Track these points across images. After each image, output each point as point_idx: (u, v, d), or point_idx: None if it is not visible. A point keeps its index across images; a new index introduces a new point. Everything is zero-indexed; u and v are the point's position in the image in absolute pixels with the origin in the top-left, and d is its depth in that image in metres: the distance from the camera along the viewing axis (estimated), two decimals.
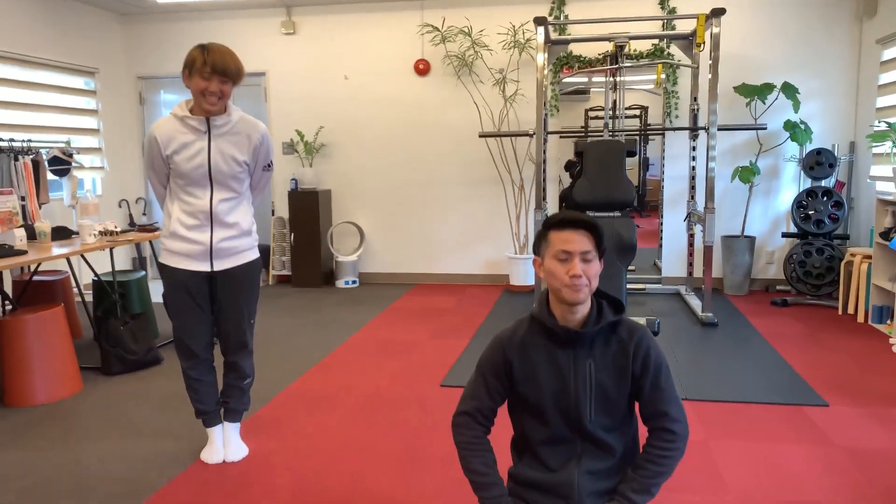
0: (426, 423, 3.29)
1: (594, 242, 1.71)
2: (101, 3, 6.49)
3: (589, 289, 1.70)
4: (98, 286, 4.49)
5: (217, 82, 2.55)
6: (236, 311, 2.84)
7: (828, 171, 5.57)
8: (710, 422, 3.24)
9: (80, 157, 6.23)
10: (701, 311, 5.12)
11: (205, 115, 2.63)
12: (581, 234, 1.69)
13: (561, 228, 1.71)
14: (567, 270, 1.68)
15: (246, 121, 2.74)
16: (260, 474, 2.78)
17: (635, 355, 1.73)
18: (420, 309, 5.69)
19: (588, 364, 1.75)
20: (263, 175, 2.86)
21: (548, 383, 1.76)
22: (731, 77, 5.99)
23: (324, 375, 4.01)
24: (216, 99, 2.58)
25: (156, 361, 4.27)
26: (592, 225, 1.71)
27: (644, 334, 1.77)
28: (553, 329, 1.75)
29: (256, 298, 2.93)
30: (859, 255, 5.11)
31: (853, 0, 5.77)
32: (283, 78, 6.82)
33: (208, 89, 2.55)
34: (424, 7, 6.46)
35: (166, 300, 2.82)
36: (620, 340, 1.75)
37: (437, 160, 6.66)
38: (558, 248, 1.70)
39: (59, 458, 2.96)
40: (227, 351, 2.90)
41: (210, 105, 2.58)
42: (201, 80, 2.54)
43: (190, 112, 2.65)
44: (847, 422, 3.21)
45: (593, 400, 1.75)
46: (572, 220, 1.71)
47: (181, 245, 2.72)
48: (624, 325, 1.78)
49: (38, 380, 3.61)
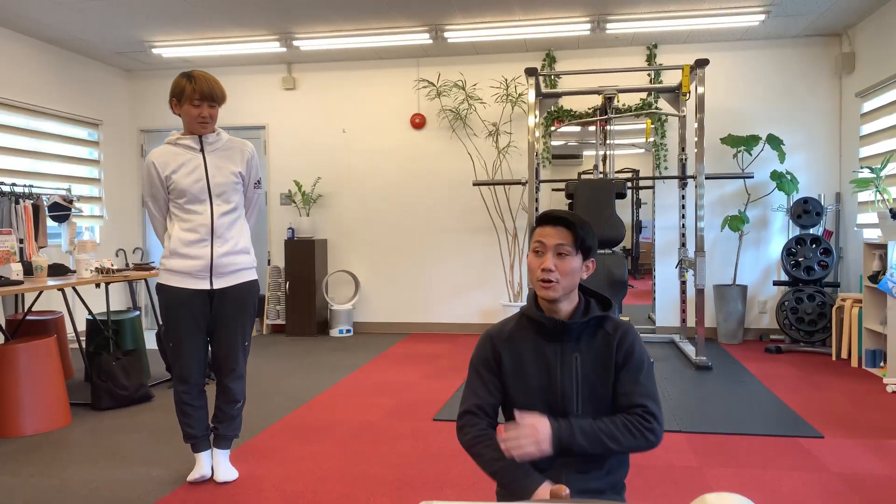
0: (418, 451, 3.25)
1: (572, 238, 1.71)
2: (108, 60, 6.72)
3: (561, 286, 1.70)
4: (92, 324, 4.49)
5: (207, 107, 2.76)
6: (232, 333, 2.87)
7: (815, 220, 5.68)
8: (704, 452, 3.21)
9: (80, 204, 6.33)
10: (695, 356, 5.12)
11: (197, 133, 2.82)
12: (558, 229, 1.71)
13: (542, 224, 1.75)
14: (540, 264, 1.72)
15: (234, 140, 2.95)
16: (248, 496, 2.73)
17: (619, 347, 1.73)
18: (414, 354, 5.67)
19: (574, 357, 1.76)
20: (254, 193, 2.99)
21: (535, 377, 1.77)
22: (718, 129, 6.18)
23: (316, 410, 3.98)
24: (208, 122, 2.78)
25: (146, 398, 4.23)
26: (570, 221, 1.72)
27: (629, 330, 1.77)
28: (541, 321, 1.76)
29: (253, 321, 2.96)
30: (850, 300, 5.16)
31: (832, 56, 6.02)
32: (282, 131, 7.00)
33: (200, 115, 2.75)
34: (420, 63, 6.70)
35: (165, 322, 2.84)
36: (606, 334, 1.76)
37: (432, 210, 6.78)
38: (535, 240, 1.74)
39: (46, 483, 2.91)
40: (220, 374, 2.91)
41: (203, 128, 2.79)
42: (192, 107, 2.74)
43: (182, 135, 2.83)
44: (842, 451, 3.19)
45: (579, 394, 1.75)
46: (551, 217, 1.74)
47: (181, 262, 2.77)
48: (611, 321, 1.80)
49: (27, 410, 3.57)
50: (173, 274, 2.79)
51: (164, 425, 3.73)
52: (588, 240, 1.73)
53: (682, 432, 3.50)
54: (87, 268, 4.20)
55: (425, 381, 4.68)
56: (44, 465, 3.12)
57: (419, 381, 4.68)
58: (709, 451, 3.21)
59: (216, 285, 2.80)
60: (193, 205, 2.77)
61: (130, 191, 7.24)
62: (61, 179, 6.27)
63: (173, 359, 2.84)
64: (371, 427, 3.65)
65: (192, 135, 2.80)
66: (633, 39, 6.13)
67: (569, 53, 6.45)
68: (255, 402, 4.16)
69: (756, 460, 3.08)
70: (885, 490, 2.73)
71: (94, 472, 3.03)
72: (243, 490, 2.80)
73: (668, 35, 6.01)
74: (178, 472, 3.02)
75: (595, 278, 4.10)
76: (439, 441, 3.39)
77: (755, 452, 3.19)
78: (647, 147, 6.49)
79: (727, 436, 3.44)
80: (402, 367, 5.18)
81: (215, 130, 2.85)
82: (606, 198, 4.42)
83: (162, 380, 4.74)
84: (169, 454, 3.26)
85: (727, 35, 6.02)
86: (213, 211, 2.78)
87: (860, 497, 2.66)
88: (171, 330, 2.82)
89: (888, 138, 5.22)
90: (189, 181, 2.74)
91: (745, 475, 2.90)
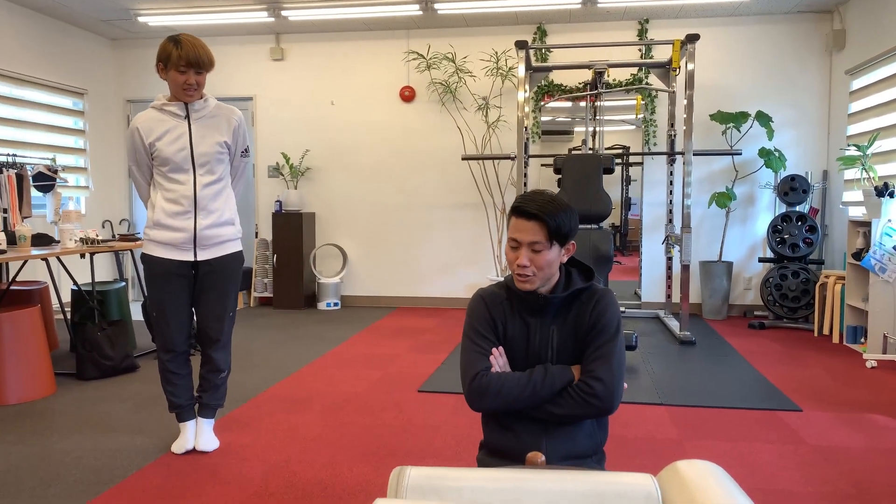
0: (402, 422, 3.27)
1: (546, 232, 1.68)
2: (93, 27, 6.61)
3: (538, 278, 1.71)
4: (77, 295, 4.47)
5: (193, 74, 2.70)
6: (217, 304, 2.86)
7: (802, 197, 5.71)
8: (685, 425, 3.25)
9: (65, 174, 6.26)
10: (679, 331, 5.16)
11: (183, 100, 2.76)
12: (532, 223, 1.69)
13: (516, 215, 1.72)
14: (516, 258, 1.72)
15: (222, 106, 2.88)
16: (230, 464, 2.75)
17: (591, 312, 1.74)
18: (401, 328, 5.69)
19: (552, 329, 1.77)
20: (241, 161, 2.95)
21: (518, 348, 1.79)
22: (708, 105, 6.17)
23: (301, 382, 4.00)
24: (194, 90, 2.72)
25: (132, 368, 4.23)
26: (542, 217, 1.68)
27: (603, 295, 1.77)
28: (523, 295, 1.78)
29: (237, 292, 2.96)
30: (833, 277, 5.20)
31: (823, 33, 6.01)
32: (270, 102, 6.93)
33: (186, 82, 2.69)
34: (410, 35, 6.63)
35: (149, 292, 2.83)
36: (581, 303, 1.77)
37: (421, 184, 6.75)
38: (510, 236, 1.73)
39: (28, 451, 2.91)
40: (204, 344, 2.91)
41: (188, 96, 2.73)
42: (178, 74, 2.68)
43: (168, 101, 2.77)
44: (819, 424, 3.24)
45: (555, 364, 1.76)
46: (524, 210, 1.70)
47: (165, 234, 2.75)
48: (589, 290, 1.80)
49: (10, 380, 3.57)
50: (157, 245, 2.77)
51: (149, 395, 3.74)
52: (564, 228, 1.70)
53: (665, 405, 3.54)
54: (71, 238, 4.17)
55: (411, 354, 4.70)
56: (26, 434, 3.13)
57: (405, 354, 4.70)
58: (689, 424, 3.25)
59: (200, 257, 2.79)
60: (176, 174, 2.74)
61: (117, 161, 7.17)
62: (46, 149, 6.20)
63: (157, 328, 2.84)
64: (356, 398, 3.67)
65: (178, 101, 2.76)
66: (625, 14, 6.08)
67: (560, 27, 6.40)
68: (240, 373, 4.18)
69: (735, 433, 3.13)
70: (858, 461, 2.78)
71: (77, 440, 3.04)
72: (226, 458, 2.81)
73: (660, 10, 5.96)
74: (163, 440, 3.03)
75: (581, 253, 4.11)
76: (423, 412, 3.42)
77: (735, 425, 3.23)
78: (637, 123, 6.48)
79: (708, 409, 3.48)
80: (389, 340, 5.20)
81: (203, 96, 2.80)
82: (594, 173, 4.41)
83: (148, 350, 4.74)
84: (153, 423, 3.27)
85: (718, 10, 5.98)
86: (196, 181, 2.75)
87: (834, 468, 2.71)
88: (154, 300, 2.82)
89: (876, 116, 5.23)
90: (173, 149, 2.71)
91: (724, 447, 2.95)
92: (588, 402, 1.67)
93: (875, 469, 2.70)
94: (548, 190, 1.78)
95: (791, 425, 3.22)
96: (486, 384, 1.70)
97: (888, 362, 4.41)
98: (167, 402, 2.92)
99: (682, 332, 5.10)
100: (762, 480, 2.60)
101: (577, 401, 1.68)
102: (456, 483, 1.23)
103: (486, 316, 1.79)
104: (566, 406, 1.69)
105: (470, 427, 3.19)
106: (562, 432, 1.76)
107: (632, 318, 6.11)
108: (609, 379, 1.68)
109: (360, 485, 2.56)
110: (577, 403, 1.68)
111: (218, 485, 2.56)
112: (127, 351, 4.23)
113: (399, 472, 1.24)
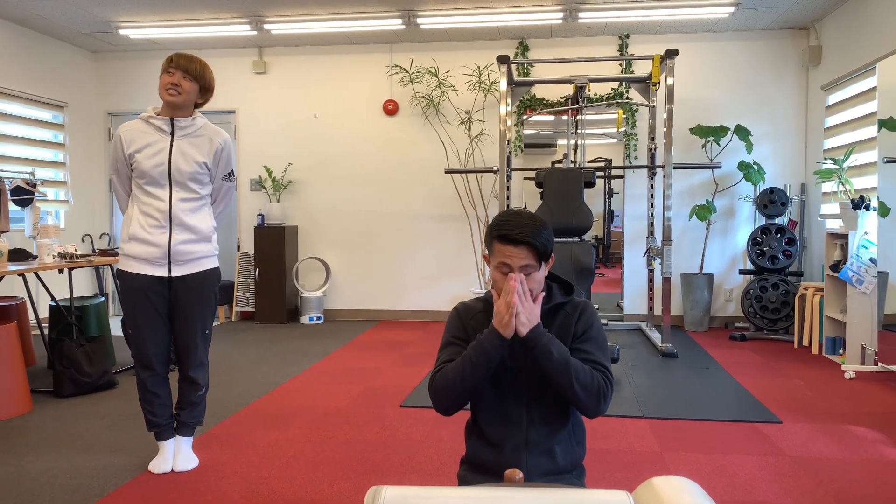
0: (384, 438, 3.26)
1: (536, 255, 1.71)
2: (74, 40, 6.58)
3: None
4: (55, 310, 4.42)
5: (179, 75, 2.67)
6: (191, 322, 2.83)
7: (781, 210, 5.77)
8: (666, 437, 3.26)
9: (45, 188, 6.20)
10: (661, 343, 5.19)
11: (169, 115, 2.73)
12: (521, 248, 1.70)
13: (504, 243, 1.72)
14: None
15: (210, 127, 2.85)
16: (209, 482, 2.72)
17: (578, 321, 1.79)
18: (384, 341, 5.67)
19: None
20: (224, 185, 2.90)
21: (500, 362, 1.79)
22: (688, 119, 6.25)
23: (282, 397, 3.97)
24: (176, 91, 2.67)
25: (110, 385, 4.18)
26: (533, 243, 1.70)
27: (587, 306, 1.82)
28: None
29: (214, 309, 2.93)
30: (812, 288, 5.26)
31: (800, 49, 6.11)
32: (253, 116, 6.92)
33: (170, 81, 2.67)
34: (393, 49, 6.66)
35: (125, 308, 2.80)
36: (566, 314, 1.81)
37: (404, 197, 6.76)
38: (500, 261, 1.73)
39: (2, 470, 2.86)
40: (182, 361, 2.88)
41: (171, 96, 2.67)
42: (166, 75, 2.68)
43: (156, 115, 2.74)
44: (799, 436, 3.26)
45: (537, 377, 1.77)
46: (514, 238, 1.70)
47: (139, 248, 2.72)
48: (570, 303, 1.83)
49: None
50: (132, 259, 2.75)
51: (128, 412, 3.69)
52: (549, 246, 1.74)
53: (646, 418, 3.55)
54: (49, 253, 4.12)
55: (394, 368, 4.69)
56: (1, 453, 3.07)
57: (388, 368, 4.69)
58: (671, 437, 3.26)
59: (174, 273, 2.76)
60: (153, 188, 2.72)
61: (97, 175, 7.11)
62: (24, 163, 6.14)
63: (134, 345, 2.81)
64: (338, 413, 3.65)
65: (166, 115, 2.73)
66: (606, 29, 6.15)
67: (541, 42, 6.45)
68: (220, 389, 4.14)
69: (715, 445, 3.14)
70: (837, 472, 2.80)
71: (54, 459, 3.00)
72: (205, 477, 2.78)
73: (640, 25, 6.04)
74: (141, 459, 2.99)
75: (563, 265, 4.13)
76: (405, 427, 3.40)
77: (715, 437, 3.25)
78: (618, 137, 6.54)
79: (689, 421, 3.50)
80: (372, 354, 5.18)
81: (192, 114, 2.77)
82: (575, 186, 4.44)
83: (128, 366, 4.69)
84: (131, 441, 3.23)
85: (697, 26, 6.07)
86: (172, 197, 2.73)
87: (813, 479, 2.73)
88: (130, 316, 2.79)
89: (851, 130, 5.32)
90: (150, 164, 2.69)
91: (704, 459, 2.96)
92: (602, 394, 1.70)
93: (853, 480, 2.72)
94: (522, 209, 1.80)
95: (771, 437, 3.24)
96: (433, 382, 1.76)
97: (866, 373, 4.46)
98: (145, 421, 2.89)
99: (664, 345, 5.12)
100: (741, 493, 2.61)
101: (596, 389, 1.69)
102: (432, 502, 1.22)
103: (458, 325, 1.83)
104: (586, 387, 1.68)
105: (452, 441, 3.18)
106: (542, 449, 1.76)
107: (614, 331, 6.13)
108: (611, 376, 1.75)
109: (340, 502, 2.54)
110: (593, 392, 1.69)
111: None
112: (105, 367, 4.17)
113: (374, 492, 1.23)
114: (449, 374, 1.73)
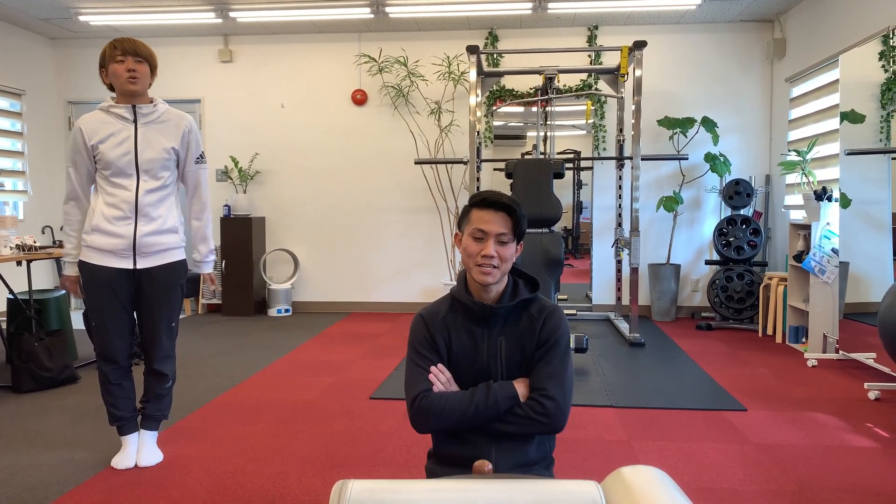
0: (353, 430, 3.23)
1: (512, 225, 1.73)
2: (31, 26, 6.39)
3: (500, 271, 1.73)
4: (13, 304, 4.29)
5: (132, 61, 2.62)
6: (157, 314, 2.77)
7: (746, 201, 5.86)
8: (633, 426, 3.29)
9: (2, 178, 6.03)
10: (629, 333, 5.24)
11: (129, 102, 2.66)
12: (500, 215, 1.72)
13: (482, 208, 1.73)
14: (480, 250, 1.72)
15: (172, 111, 2.79)
16: (174, 477, 2.67)
17: (542, 328, 1.76)
18: (353, 334, 5.64)
19: (500, 340, 1.77)
20: (197, 170, 2.83)
21: (464, 359, 1.78)
22: (655, 111, 6.29)
23: (250, 390, 3.92)
24: (136, 79, 2.62)
25: (72, 380, 4.08)
26: (511, 208, 1.73)
27: (553, 312, 1.78)
28: (469, 305, 1.77)
29: (180, 302, 2.87)
30: (776, 279, 5.35)
31: (764, 42, 6.19)
32: (218, 105, 6.80)
33: (127, 69, 2.60)
34: (361, 38, 6.59)
35: (88, 301, 2.73)
36: (531, 317, 1.78)
37: (373, 188, 6.71)
38: (475, 227, 1.73)
39: None
40: (148, 354, 2.82)
41: (132, 84, 2.62)
42: (117, 65, 2.61)
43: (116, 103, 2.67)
44: (763, 423, 3.32)
45: (504, 375, 1.76)
46: (493, 201, 1.73)
47: (103, 240, 2.65)
48: (537, 303, 1.81)
49: None
50: (95, 251, 2.67)
51: (90, 407, 3.61)
52: (524, 225, 1.77)
53: (614, 407, 3.58)
54: (5, 244, 4.00)
55: (364, 360, 4.66)
56: None
57: (358, 360, 4.66)
58: (638, 425, 3.29)
59: (140, 265, 2.70)
60: (119, 178, 2.64)
61: (57, 164, 6.93)
62: None
63: (97, 337, 2.74)
64: (306, 406, 3.61)
65: (125, 104, 2.66)
66: (575, 20, 6.16)
67: (511, 32, 6.44)
68: (187, 382, 4.07)
69: (682, 433, 3.18)
70: (800, 458, 2.85)
71: (12, 456, 2.92)
72: (169, 472, 2.73)
73: (609, 16, 6.06)
74: (103, 454, 2.93)
75: (532, 257, 4.14)
76: (375, 419, 3.38)
77: (682, 425, 3.29)
78: (587, 128, 6.56)
79: (656, 410, 3.54)
80: (341, 346, 5.14)
81: (151, 101, 2.71)
82: (544, 178, 4.45)
83: (89, 360, 4.58)
84: (93, 437, 3.16)
85: (665, 18, 6.11)
86: (139, 187, 2.66)
87: (777, 466, 2.78)
88: (93, 308, 2.72)
89: (814, 122, 5.41)
90: (116, 154, 2.62)
91: (671, 447, 2.99)
92: (539, 420, 1.67)
93: (816, 466, 2.78)
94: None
95: (736, 424, 3.29)
96: (428, 406, 1.68)
97: (828, 361, 4.55)
98: (108, 415, 2.82)
99: (631, 335, 5.17)
100: (707, 480, 2.64)
101: (528, 419, 1.68)
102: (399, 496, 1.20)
103: (425, 335, 1.78)
104: (516, 424, 1.68)
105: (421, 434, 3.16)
106: (511, 442, 1.75)
107: (583, 321, 6.18)
108: (561, 398, 1.69)
109: (309, 496, 2.51)
110: (528, 422, 1.68)
111: (161, 500, 2.47)
112: (66, 362, 4.07)
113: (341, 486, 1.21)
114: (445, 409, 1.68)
